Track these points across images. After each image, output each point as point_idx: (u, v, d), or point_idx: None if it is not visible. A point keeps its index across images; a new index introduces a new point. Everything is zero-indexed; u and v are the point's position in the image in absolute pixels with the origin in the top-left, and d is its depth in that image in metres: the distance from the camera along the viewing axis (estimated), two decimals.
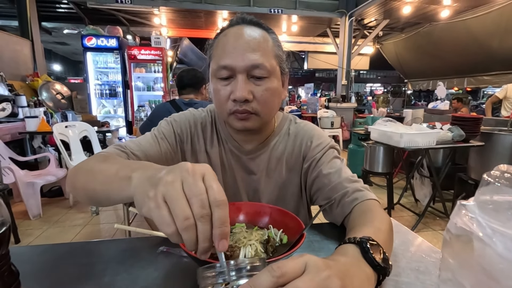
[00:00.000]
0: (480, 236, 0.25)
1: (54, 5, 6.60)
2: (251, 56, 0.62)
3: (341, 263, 0.36)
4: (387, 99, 7.29)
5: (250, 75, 0.64)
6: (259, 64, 0.63)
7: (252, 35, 0.64)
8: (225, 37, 0.65)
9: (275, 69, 0.66)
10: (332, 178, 0.70)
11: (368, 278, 0.38)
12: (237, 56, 0.62)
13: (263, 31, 0.67)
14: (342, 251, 0.43)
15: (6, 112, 3.44)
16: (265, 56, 0.64)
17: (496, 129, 2.88)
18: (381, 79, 21.21)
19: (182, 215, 0.31)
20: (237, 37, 0.64)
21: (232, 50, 0.63)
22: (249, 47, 0.63)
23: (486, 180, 0.27)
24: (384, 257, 0.41)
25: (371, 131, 2.83)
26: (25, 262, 0.55)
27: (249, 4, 6.07)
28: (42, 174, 2.97)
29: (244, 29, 0.65)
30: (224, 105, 0.66)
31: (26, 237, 2.43)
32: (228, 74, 0.64)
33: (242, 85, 0.63)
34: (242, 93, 0.62)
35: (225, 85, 0.65)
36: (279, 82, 0.69)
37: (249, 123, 0.67)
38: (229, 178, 0.77)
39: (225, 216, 0.33)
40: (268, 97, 0.66)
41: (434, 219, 2.87)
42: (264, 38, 0.65)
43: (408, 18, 6.34)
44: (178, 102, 1.83)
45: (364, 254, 0.40)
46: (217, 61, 0.64)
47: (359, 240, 0.43)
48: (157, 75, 5.81)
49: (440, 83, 4.16)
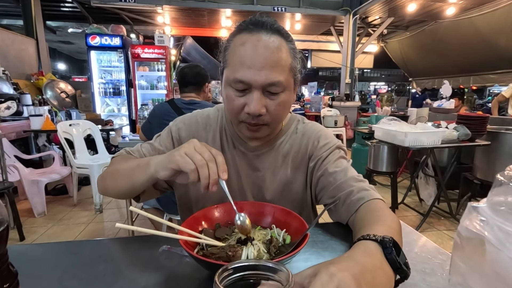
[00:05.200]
0: (492, 239, 0.24)
1: (58, 4, 6.64)
2: (268, 74, 0.62)
3: (367, 269, 0.36)
4: (391, 97, 7.24)
5: (265, 90, 0.64)
6: (276, 82, 0.63)
7: (271, 49, 0.62)
8: (243, 47, 0.63)
9: (289, 82, 0.67)
10: (337, 176, 0.70)
11: (390, 280, 0.38)
12: (255, 72, 0.62)
13: (281, 40, 0.65)
14: (363, 248, 0.42)
15: (11, 110, 3.46)
16: (282, 73, 0.64)
17: (503, 128, 2.83)
18: (385, 78, 21.06)
19: (198, 159, 0.53)
20: (255, 50, 0.62)
21: (250, 65, 0.62)
22: (268, 63, 0.62)
23: (499, 180, 0.26)
24: (404, 259, 0.41)
25: (375, 130, 2.80)
26: (25, 261, 0.55)
27: (252, 2, 6.04)
28: (47, 172, 2.99)
29: (263, 40, 0.63)
30: (236, 114, 0.67)
31: (30, 235, 2.45)
32: (244, 88, 0.64)
33: (257, 101, 0.63)
34: (257, 108, 0.63)
35: (239, 96, 0.65)
36: (291, 92, 0.69)
37: (259, 133, 0.69)
38: (234, 174, 0.77)
39: (223, 161, 0.56)
40: (280, 111, 0.67)
41: (439, 219, 2.84)
42: (282, 50, 0.64)
43: (413, 16, 6.27)
44: (177, 102, 1.77)
45: (387, 255, 0.40)
46: (234, 72, 0.63)
47: (382, 239, 0.42)
48: (160, 73, 5.82)
49: (445, 82, 4.10)
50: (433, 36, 7.13)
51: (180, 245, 0.48)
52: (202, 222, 0.60)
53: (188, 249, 0.46)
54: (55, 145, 3.79)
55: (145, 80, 5.92)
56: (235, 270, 0.29)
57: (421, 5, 5.60)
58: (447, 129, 2.52)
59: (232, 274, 0.29)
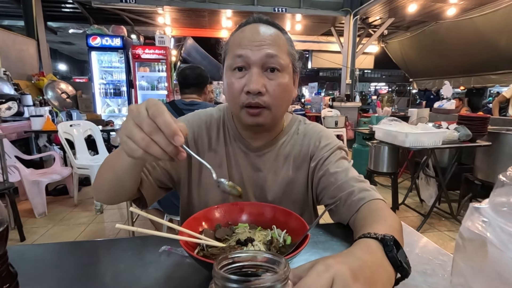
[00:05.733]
0: (494, 241, 0.24)
1: (59, 5, 6.65)
2: (266, 47, 0.65)
3: (367, 265, 0.35)
4: (392, 98, 7.23)
5: (264, 67, 0.66)
6: (274, 54, 0.65)
7: (268, 32, 0.67)
8: (241, 33, 0.68)
9: (288, 65, 0.69)
10: (338, 177, 0.70)
11: (390, 278, 0.38)
12: (253, 48, 0.65)
13: (277, 30, 0.70)
14: (364, 246, 0.42)
15: (12, 111, 3.47)
16: (279, 51, 0.66)
17: (504, 128, 2.83)
18: (385, 78, 21.06)
19: (138, 138, 0.42)
20: (253, 32, 0.67)
21: (248, 42, 0.65)
22: (265, 41, 0.65)
23: (502, 181, 0.26)
24: (405, 257, 0.40)
25: (375, 130, 2.80)
26: (25, 261, 0.55)
27: (253, 3, 6.05)
28: (47, 173, 2.99)
29: (260, 27, 0.68)
30: (237, 98, 0.67)
31: (31, 235, 2.46)
32: (242, 64, 0.66)
33: (256, 78, 0.64)
34: (256, 85, 0.64)
35: (239, 78, 0.66)
36: (290, 79, 0.70)
37: (260, 118, 0.68)
38: (236, 174, 0.77)
39: (165, 120, 0.41)
40: (280, 92, 0.67)
41: (440, 219, 2.83)
42: (278, 36, 0.68)
43: (413, 16, 6.27)
44: (178, 103, 1.78)
45: (388, 253, 0.40)
46: (233, 51, 0.67)
47: (383, 237, 0.42)
48: (161, 74, 5.83)
49: (446, 82, 4.10)
50: (434, 37, 7.13)
51: (181, 246, 0.47)
52: (202, 222, 0.60)
53: (188, 250, 0.46)
54: (55, 145, 3.79)
55: (146, 81, 5.93)
56: (234, 260, 0.29)
57: (422, 6, 5.60)
58: (448, 130, 2.51)
59: (231, 264, 0.29)
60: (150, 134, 0.41)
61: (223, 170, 0.76)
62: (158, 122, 0.41)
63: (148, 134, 0.41)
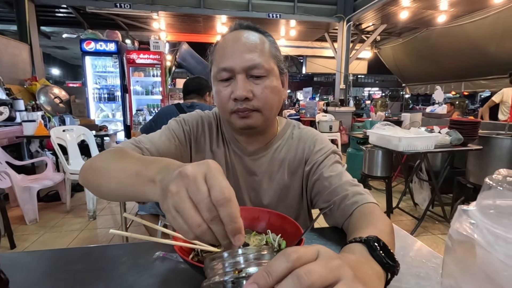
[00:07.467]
0: (482, 242, 0.24)
1: (53, 9, 6.62)
2: (248, 56, 0.65)
3: (350, 258, 0.35)
4: (385, 103, 7.32)
5: (249, 75, 0.66)
6: (257, 64, 0.65)
7: (249, 38, 0.68)
8: (224, 42, 0.69)
9: (273, 68, 0.69)
10: (332, 181, 0.70)
11: (378, 276, 0.37)
12: (235, 57, 0.65)
13: (259, 34, 0.70)
14: (349, 250, 0.42)
15: (4, 116, 3.42)
16: (262, 57, 0.67)
17: (494, 132, 2.88)
18: (379, 83, 21.34)
19: (194, 223, 0.33)
20: (235, 40, 0.67)
21: (230, 52, 0.66)
22: (247, 48, 0.66)
23: (488, 184, 0.27)
24: (392, 255, 0.41)
25: (369, 135, 2.83)
26: (17, 269, 0.54)
27: (247, 9, 6.10)
28: (39, 179, 2.94)
29: (241, 33, 0.69)
30: (225, 105, 0.68)
31: (21, 242, 2.41)
32: (228, 76, 0.67)
33: (241, 84, 0.65)
34: (242, 92, 0.65)
35: (226, 86, 0.68)
36: (278, 81, 0.71)
37: (250, 120, 0.68)
38: (232, 178, 0.78)
39: (231, 213, 0.33)
40: (267, 94, 0.68)
41: (433, 223, 2.86)
42: (261, 40, 0.69)
43: (405, 23, 6.40)
44: (182, 105, 1.96)
45: (372, 252, 0.40)
46: (218, 64, 0.68)
47: (366, 239, 0.42)
48: (155, 79, 5.81)
49: (437, 87, 4.17)
50: (425, 43, 7.27)
51: (175, 251, 0.47)
52: None
53: (183, 255, 0.46)
54: (48, 151, 3.74)
55: (140, 86, 5.91)
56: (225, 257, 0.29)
57: (413, 13, 5.72)
58: (440, 134, 2.55)
59: (223, 261, 0.29)
60: (209, 221, 0.33)
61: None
62: (221, 213, 0.33)
63: (207, 221, 0.33)
